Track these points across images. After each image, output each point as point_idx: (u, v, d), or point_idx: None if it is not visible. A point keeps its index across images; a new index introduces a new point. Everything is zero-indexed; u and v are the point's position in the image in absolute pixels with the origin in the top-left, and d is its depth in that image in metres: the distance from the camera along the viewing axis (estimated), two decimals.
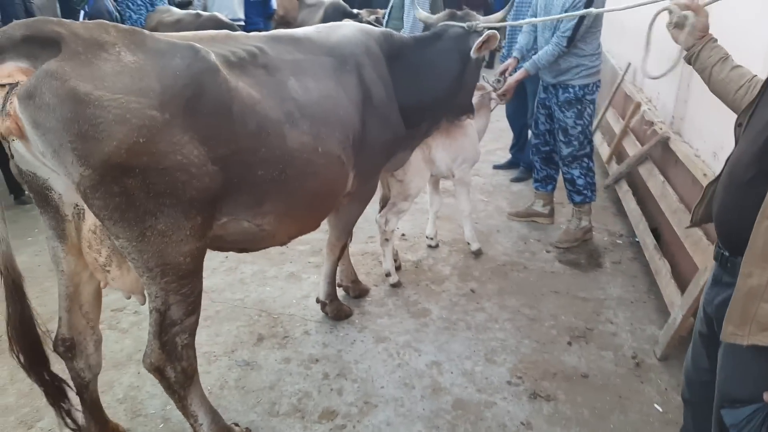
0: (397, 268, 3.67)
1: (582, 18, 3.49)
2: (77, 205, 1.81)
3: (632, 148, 4.64)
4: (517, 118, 5.44)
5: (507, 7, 3.03)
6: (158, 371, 1.95)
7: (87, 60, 1.56)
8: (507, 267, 3.81)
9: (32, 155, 1.63)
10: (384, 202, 3.56)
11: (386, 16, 6.50)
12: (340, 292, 3.36)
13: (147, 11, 6.88)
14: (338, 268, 3.30)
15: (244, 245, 2.25)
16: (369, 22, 7.55)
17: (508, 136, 5.88)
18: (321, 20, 8.16)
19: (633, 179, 4.57)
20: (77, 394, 2.14)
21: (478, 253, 3.92)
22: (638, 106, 4.75)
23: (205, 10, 7.19)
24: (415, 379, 2.74)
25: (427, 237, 4.08)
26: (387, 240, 3.45)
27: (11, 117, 1.51)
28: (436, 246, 4.06)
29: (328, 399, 2.61)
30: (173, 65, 1.72)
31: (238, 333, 3.09)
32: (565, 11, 3.51)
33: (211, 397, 2.58)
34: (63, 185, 1.75)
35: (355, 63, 2.43)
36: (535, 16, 3.86)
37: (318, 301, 3.17)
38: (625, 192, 4.50)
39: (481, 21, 2.94)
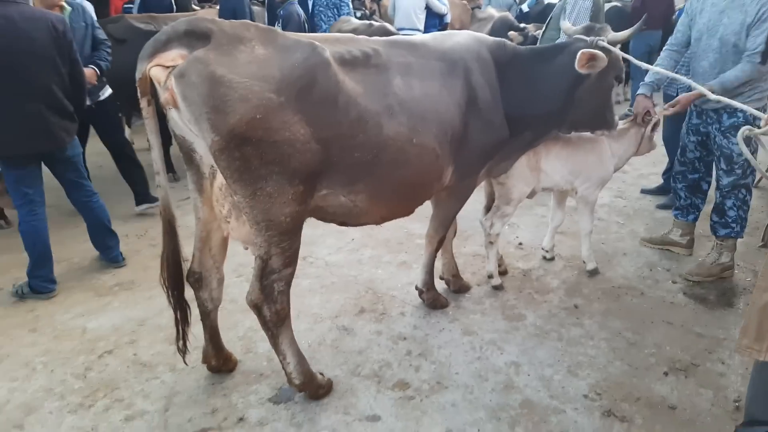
0: (503, 273, 3.75)
1: None
2: (212, 166, 2.31)
3: None
4: (674, 143, 5.08)
5: (635, 27, 2.93)
6: (257, 308, 2.38)
7: (227, 50, 2.02)
8: (621, 290, 3.66)
9: (182, 122, 2.14)
10: (488, 205, 3.66)
11: (545, 27, 6.56)
12: (441, 285, 3.58)
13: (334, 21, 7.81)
14: (441, 262, 3.53)
15: (343, 219, 2.59)
16: (535, 37, 7.59)
17: (666, 162, 5.50)
18: (489, 33, 8.38)
19: None
20: (201, 319, 2.68)
21: (593, 273, 3.82)
22: None
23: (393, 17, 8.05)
24: (490, 373, 2.85)
25: (542, 249, 4.07)
26: (491, 243, 3.57)
27: (169, 90, 2.02)
28: (551, 259, 4.04)
29: (405, 372, 2.86)
30: (293, 58, 2.12)
31: (345, 303, 3.48)
32: (750, 25, 3.22)
33: (309, 350, 2.99)
34: (203, 149, 2.24)
35: (464, 68, 2.64)
36: (686, 44, 3.66)
37: (417, 288, 3.42)
38: None
39: (609, 36, 2.89)
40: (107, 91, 4.51)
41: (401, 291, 3.62)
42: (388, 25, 7.05)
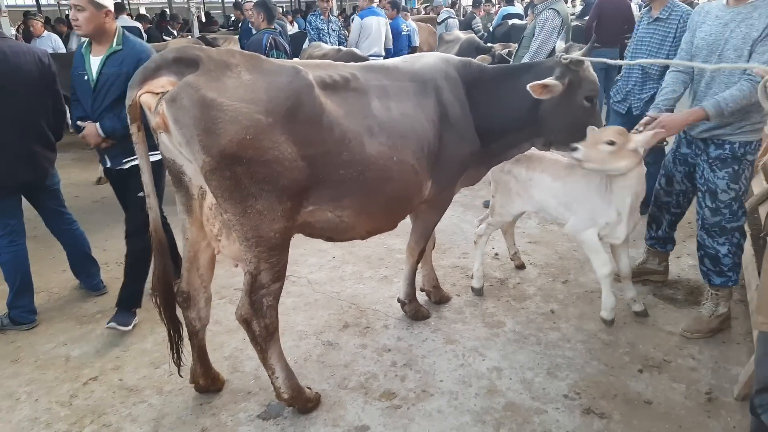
0: (519, 267, 4.11)
1: None
2: (201, 187, 2.38)
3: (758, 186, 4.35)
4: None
5: (588, 46, 2.99)
6: (246, 323, 2.43)
7: (215, 76, 2.11)
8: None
9: (172, 145, 2.21)
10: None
11: (518, 46, 6.87)
12: (422, 297, 3.67)
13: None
14: (421, 274, 3.63)
15: (330, 234, 2.67)
16: (501, 56, 7.88)
17: None
18: (457, 54, 8.70)
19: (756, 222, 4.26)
20: (189, 339, 2.71)
21: (607, 324, 3.40)
22: None
23: (356, 45, 8.30)
24: (473, 379, 2.94)
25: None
26: (475, 243, 3.81)
27: (160, 115, 2.10)
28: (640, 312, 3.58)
29: (391, 383, 2.93)
30: (278, 81, 2.23)
31: (329, 319, 3.54)
32: (756, 40, 2.81)
33: (295, 366, 3.03)
34: (192, 171, 2.32)
35: (434, 87, 2.78)
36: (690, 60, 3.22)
37: (399, 300, 3.51)
38: None
39: (574, 55, 2.91)
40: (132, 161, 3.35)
41: (384, 305, 3.70)
42: (355, 50, 7.28)
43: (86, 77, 3.27)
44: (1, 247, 3.47)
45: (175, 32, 14.08)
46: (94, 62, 3.27)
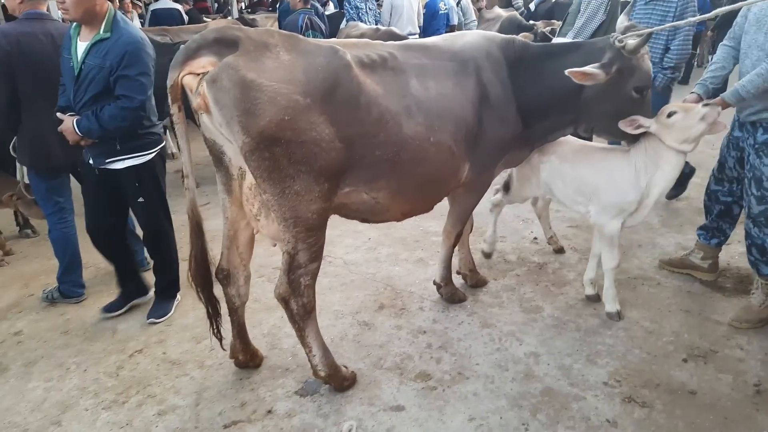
0: (558, 251, 4.10)
1: None
2: (241, 168, 2.41)
3: None
4: None
5: (648, 31, 2.69)
6: (284, 301, 2.46)
7: (255, 56, 2.11)
8: (638, 281, 3.71)
9: (213, 126, 2.23)
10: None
11: (563, 23, 6.66)
12: (458, 280, 3.65)
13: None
14: (458, 257, 3.60)
15: (365, 215, 2.67)
16: (544, 34, 7.67)
17: None
18: (498, 32, 8.53)
19: None
20: (229, 315, 2.77)
21: (611, 317, 3.28)
22: None
23: (389, 25, 8.23)
24: (510, 364, 2.91)
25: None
26: (490, 210, 3.87)
27: (201, 96, 2.12)
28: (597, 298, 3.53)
29: (426, 364, 2.93)
30: (317, 62, 2.21)
31: (365, 299, 3.56)
32: None
33: (332, 345, 3.06)
34: (233, 151, 2.34)
35: (475, 66, 2.71)
36: (737, 40, 3.10)
37: (434, 283, 3.49)
38: None
39: (628, 35, 2.70)
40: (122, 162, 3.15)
41: (419, 287, 3.69)
42: (394, 29, 7.21)
43: (71, 63, 2.97)
44: (51, 224, 3.61)
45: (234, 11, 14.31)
46: (81, 48, 2.95)
